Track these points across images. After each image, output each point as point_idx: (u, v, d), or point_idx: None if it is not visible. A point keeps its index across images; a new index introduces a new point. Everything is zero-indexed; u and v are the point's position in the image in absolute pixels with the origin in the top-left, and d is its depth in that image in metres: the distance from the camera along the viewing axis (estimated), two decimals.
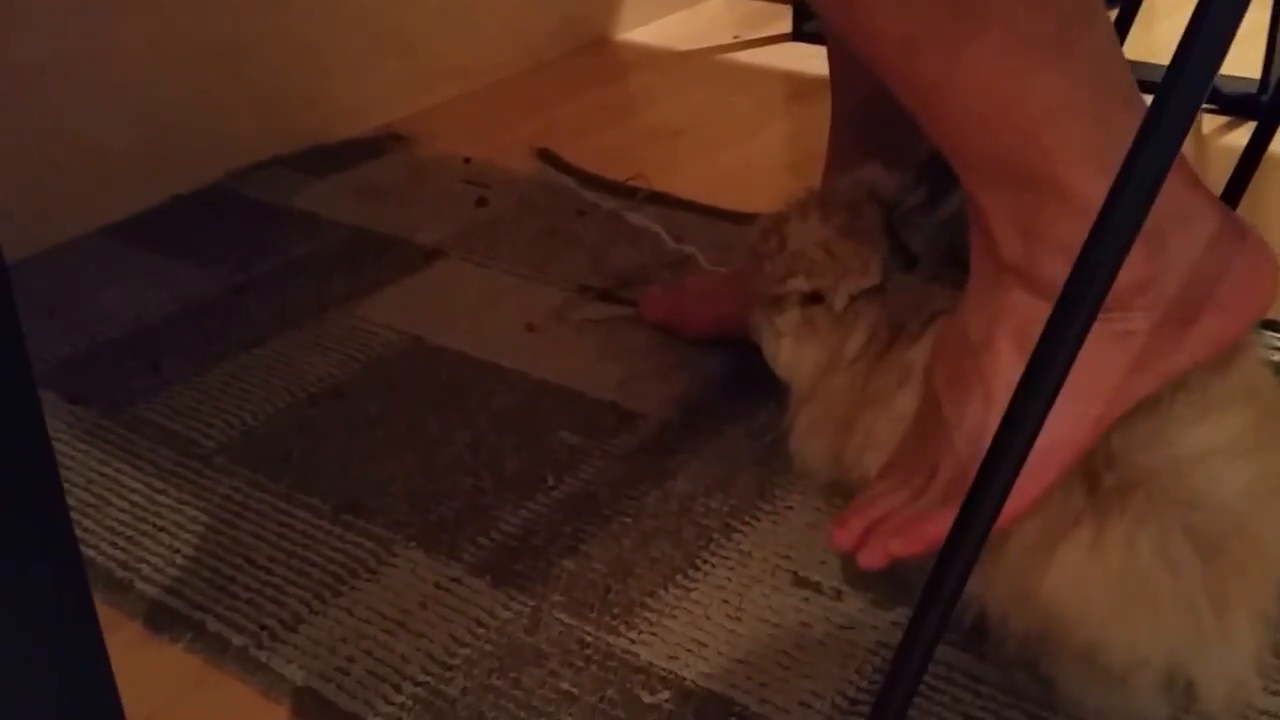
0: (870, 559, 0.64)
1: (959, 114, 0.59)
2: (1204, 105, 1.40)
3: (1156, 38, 1.53)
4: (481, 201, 1.27)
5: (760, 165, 1.34)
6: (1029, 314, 0.59)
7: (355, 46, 1.46)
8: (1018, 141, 0.58)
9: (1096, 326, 0.52)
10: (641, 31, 1.79)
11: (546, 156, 1.37)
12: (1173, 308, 0.57)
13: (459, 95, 1.58)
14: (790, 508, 0.81)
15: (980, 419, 0.62)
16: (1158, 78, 0.47)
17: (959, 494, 0.59)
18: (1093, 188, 0.55)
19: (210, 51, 1.32)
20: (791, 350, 0.78)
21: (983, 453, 0.56)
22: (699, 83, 1.59)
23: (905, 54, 0.58)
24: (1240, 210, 1.05)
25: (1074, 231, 0.55)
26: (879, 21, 0.57)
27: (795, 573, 0.76)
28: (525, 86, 1.61)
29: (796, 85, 1.56)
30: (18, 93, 1.17)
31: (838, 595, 0.74)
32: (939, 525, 0.61)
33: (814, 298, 0.76)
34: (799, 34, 1.68)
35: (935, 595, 0.57)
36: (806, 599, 0.74)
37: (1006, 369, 0.60)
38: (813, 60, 1.56)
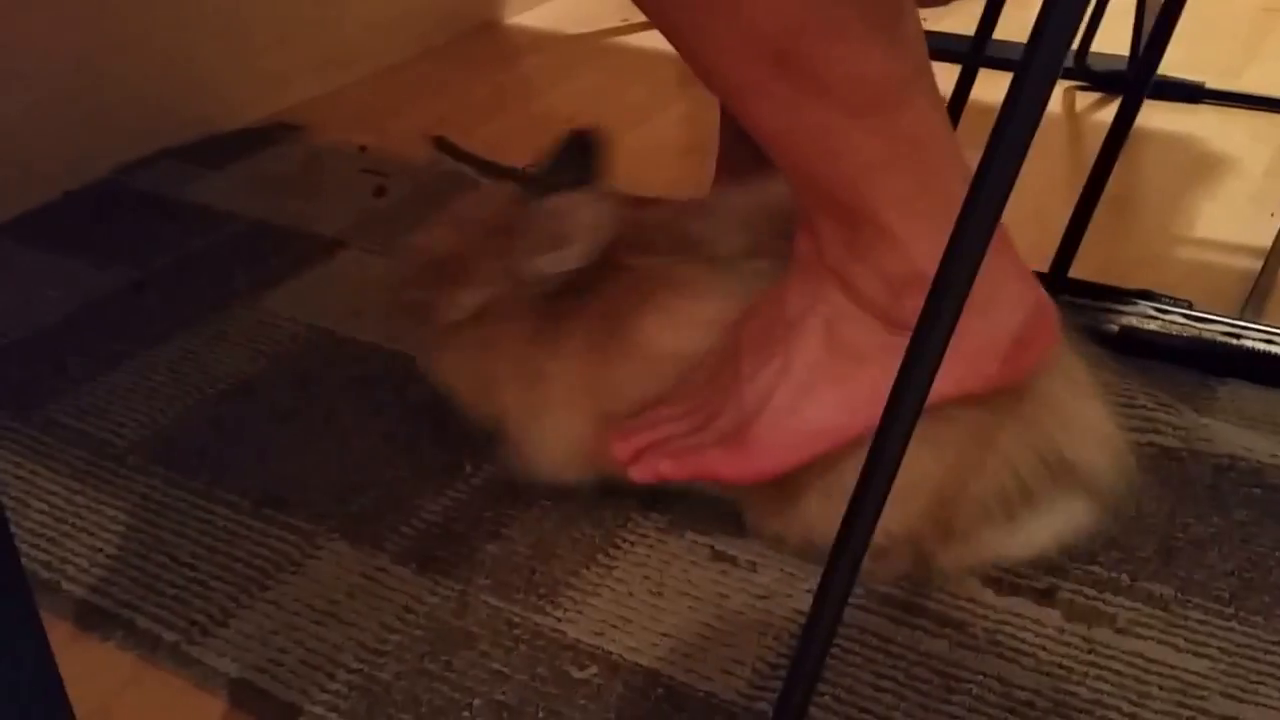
0: (641, 474, 0.73)
1: (794, 158, 0.65)
2: (1077, 83, 1.47)
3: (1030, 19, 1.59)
4: (380, 191, 1.28)
5: (655, 151, 1.37)
6: (841, 311, 0.69)
7: (237, 34, 1.45)
8: (843, 188, 0.64)
9: (895, 341, 0.59)
10: (530, 15, 1.80)
11: (443, 144, 1.37)
12: (958, 345, 0.61)
13: (349, 82, 1.57)
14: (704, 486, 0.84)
15: (772, 383, 0.70)
16: None
17: (734, 441, 0.71)
18: (907, 229, 0.64)
19: (88, 45, 1.30)
20: None
21: (766, 412, 0.70)
22: (590, 67, 1.61)
23: (749, 102, 0.64)
24: (1111, 183, 1.10)
25: (889, 260, 0.65)
26: (727, 74, 0.63)
27: (712, 547, 0.79)
28: (415, 72, 1.61)
29: (687, 69, 1.58)
30: None
31: (753, 568, 0.78)
32: (707, 462, 0.71)
33: None
34: None
35: (840, 561, 0.60)
36: (724, 572, 0.78)
37: (807, 348, 0.70)
38: None
